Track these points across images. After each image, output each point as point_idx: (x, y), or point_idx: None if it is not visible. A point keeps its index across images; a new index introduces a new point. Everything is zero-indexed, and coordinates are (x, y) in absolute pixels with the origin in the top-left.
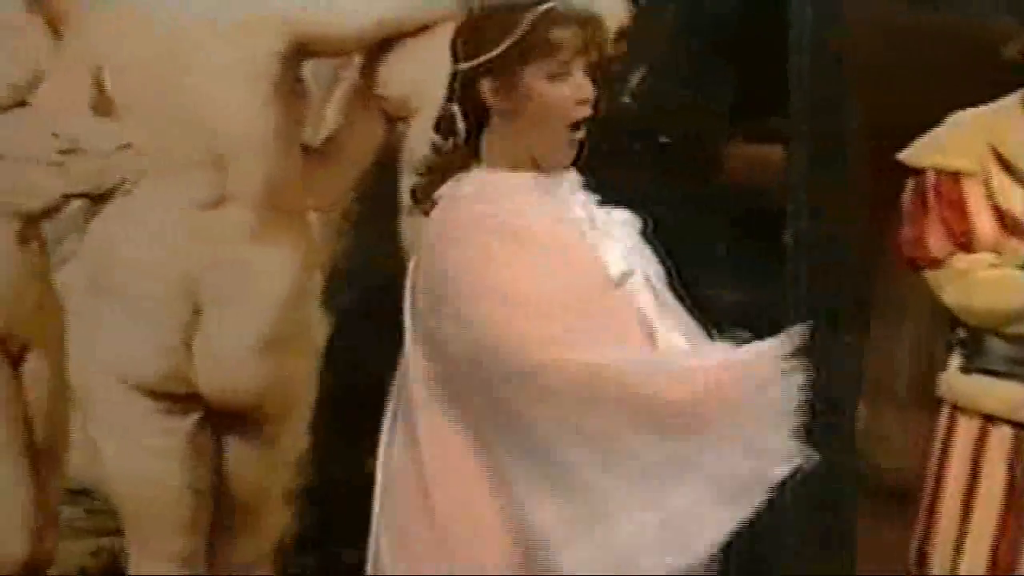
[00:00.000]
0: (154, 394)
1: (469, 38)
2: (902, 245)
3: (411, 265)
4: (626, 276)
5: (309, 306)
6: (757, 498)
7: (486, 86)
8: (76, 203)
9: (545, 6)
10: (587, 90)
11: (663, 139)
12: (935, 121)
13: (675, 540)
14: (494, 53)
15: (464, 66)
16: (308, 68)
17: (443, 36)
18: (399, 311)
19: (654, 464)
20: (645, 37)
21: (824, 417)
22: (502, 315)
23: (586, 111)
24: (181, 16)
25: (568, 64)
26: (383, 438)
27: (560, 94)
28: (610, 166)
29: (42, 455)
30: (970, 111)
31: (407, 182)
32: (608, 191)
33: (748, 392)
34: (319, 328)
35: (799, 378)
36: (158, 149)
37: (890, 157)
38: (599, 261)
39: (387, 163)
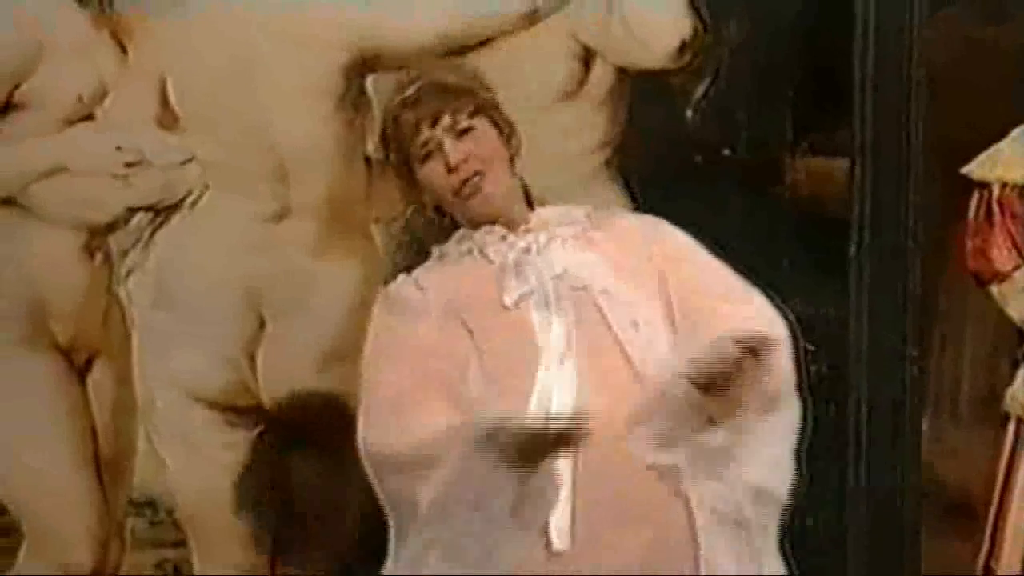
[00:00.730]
0: (218, 406)
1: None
2: (967, 258)
3: None
4: (522, 298)
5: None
6: None
7: (416, 193)
8: (141, 216)
9: (389, 107)
10: (453, 155)
11: (726, 152)
12: (1000, 135)
13: None
14: (394, 164)
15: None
16: (371, 81)
17: (505, 50)
18: None
19: None
20: (708, 51)
21: (889, 432)
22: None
23: (458, 176)
24: (245, 30)
25: (427, 142)
26: None
27: (434, 171)
28: (673, 180)
29: (107, 466)
30: None
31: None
32: (672, 205)
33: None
34: None
35: None
36: (222, 162)
37: (955, 170)
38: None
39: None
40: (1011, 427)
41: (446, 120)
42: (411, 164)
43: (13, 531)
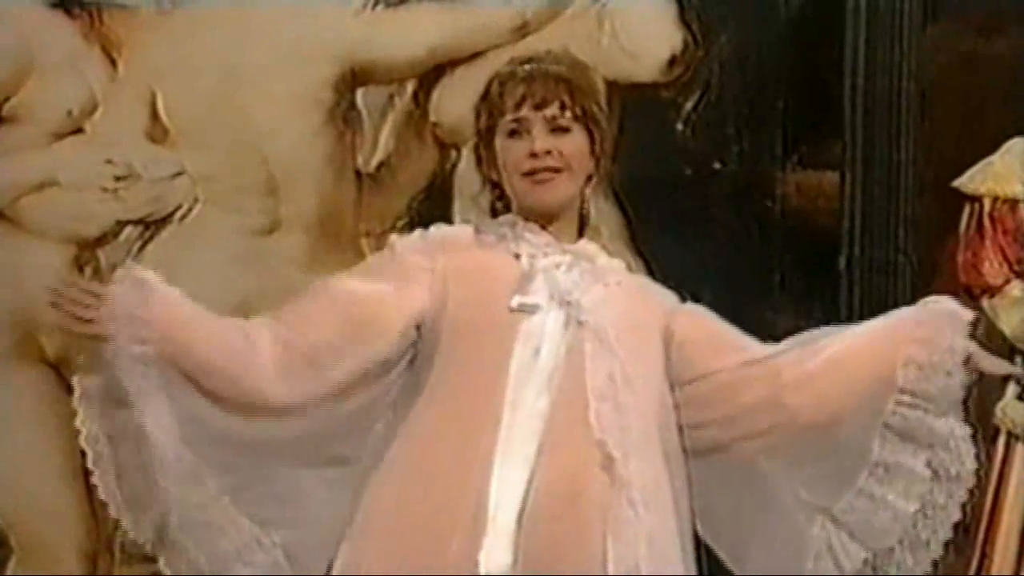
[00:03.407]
0: None
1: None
2: (958, 272)
3: None
4: (524, 308)
5: None
6: None
7: (483, 163)
8: (131, 229)
9: (506, 69)
10: (540, 143)
11: (717, 165)
12: (992, 148)
13: None
14: (480, 125)
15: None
16: (361, 95)
17: (495, 63)
18: None
19: None
20: (699, 64)
21: None
22: None
23: (536, 163)
24: (234, 45)
25: (523, 121)
26: None
27: (516, 150)
28: (664, 193)
29: None
30: None
31: (459, 207)
32: (662, 218)
33: None
34: None
35: None
36: (212, 176)
37: (946, 184)
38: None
39: (439, 189)
40: (1001, 441)
41: (550, 111)
42: (495, 132)
43: (2, 544)
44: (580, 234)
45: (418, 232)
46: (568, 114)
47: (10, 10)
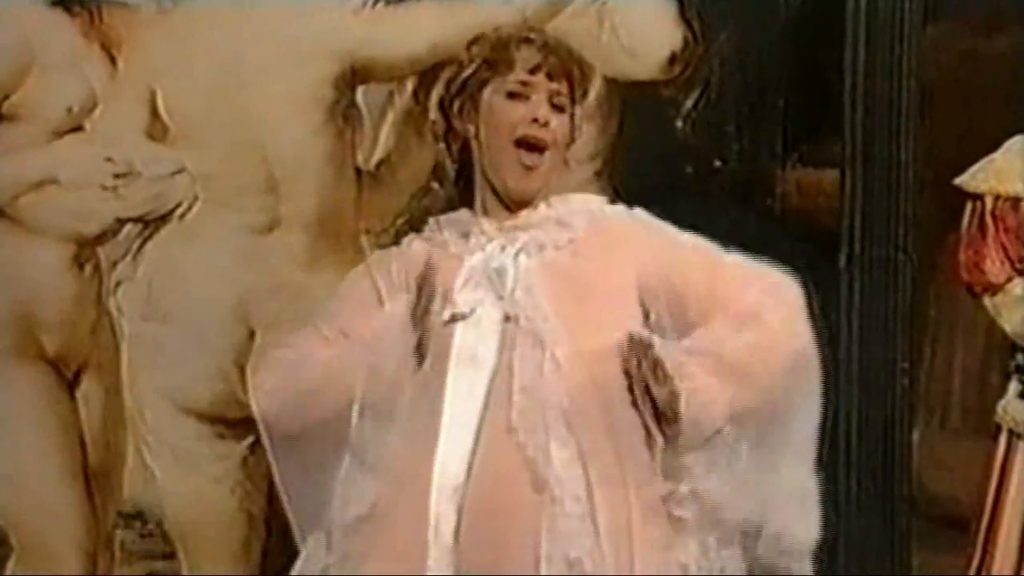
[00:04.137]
0: (208, 418)
1: (452, 65)
2: (960, 270)
3: None
4: (455, 317)
5: None
6: None
7: (455, 109)
8: (131, 227)
9: (518, 30)
10: (543, 111)
11: (717, 163)
12: (993, 146)
13: None
14: (464, 75)
15: (438, 90)
16: (361, 93)
17: None
18: None
19: None
20: (699, 62)
21: (879, 443)
22: None
23: (537, 131)
24: (234, 42)
25: (529, 86)
26: None
27: (515, 110)
28: (664, 191)
29: (96, 478)
30: None
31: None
32: (662, 216)
33: None
34: None
35: None
36: (212, 174)
37: (948, 182)
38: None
39: (439, 187)
40: (1002, 439)
41: (557, 85)
42: (486, 85)
43: (2, 543)
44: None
45: (383, 258)
46: (569, 93)
47: (10, 8)
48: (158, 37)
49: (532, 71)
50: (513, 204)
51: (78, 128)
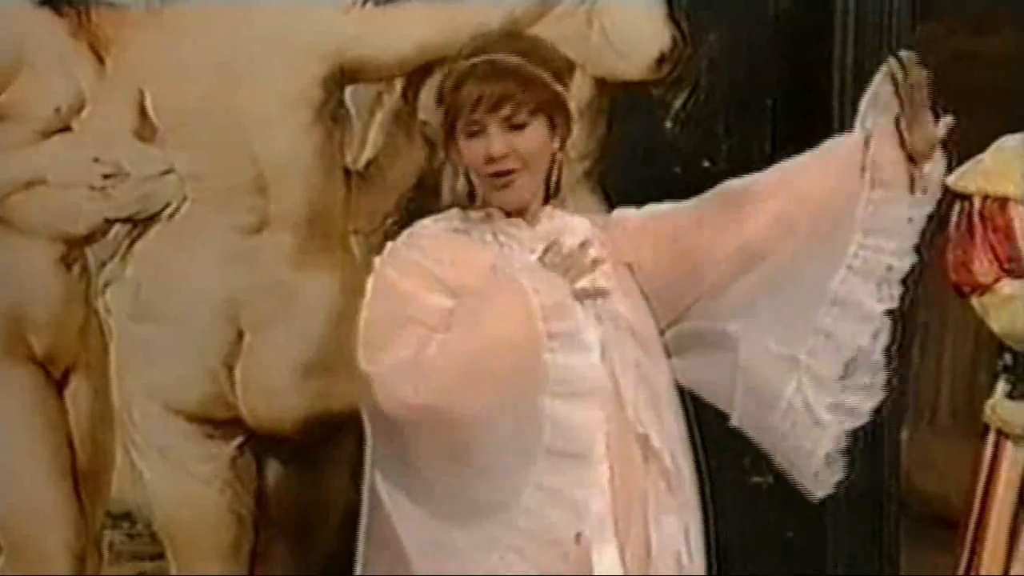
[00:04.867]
0: (196, 418)
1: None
2: (948, 270)
3: None
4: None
5: (351, 329)
6: None
7: (450, 154)
8: (119, 228)
9: (460, 65)
10: (496, 146)
11: (706, 163)
12: (982, 146)
13: None
14: (440, 123)
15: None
16: (350, 93)
17: None
18: None
19: None
20: (688, 62)
21: (868, 442)
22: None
23: (496, 167)
24: (223, 42)
25: (478, 122)
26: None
27: (474, 151)
28: (653, 191)
29: (85, 479)
30: (1017, 136)
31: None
32: None
33: None
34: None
35: None
36: (200, 174)
37: None
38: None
39: (428, 187)
40: (990, 438)
41: (505, 111)
42: (456, 131)
43: None
44: (547, 198)
45: (407, 252)
46: (522, 112)
47: None
48: (146, 37)
49: (474, 108)
50: (514, 212)
51: (66, 128)
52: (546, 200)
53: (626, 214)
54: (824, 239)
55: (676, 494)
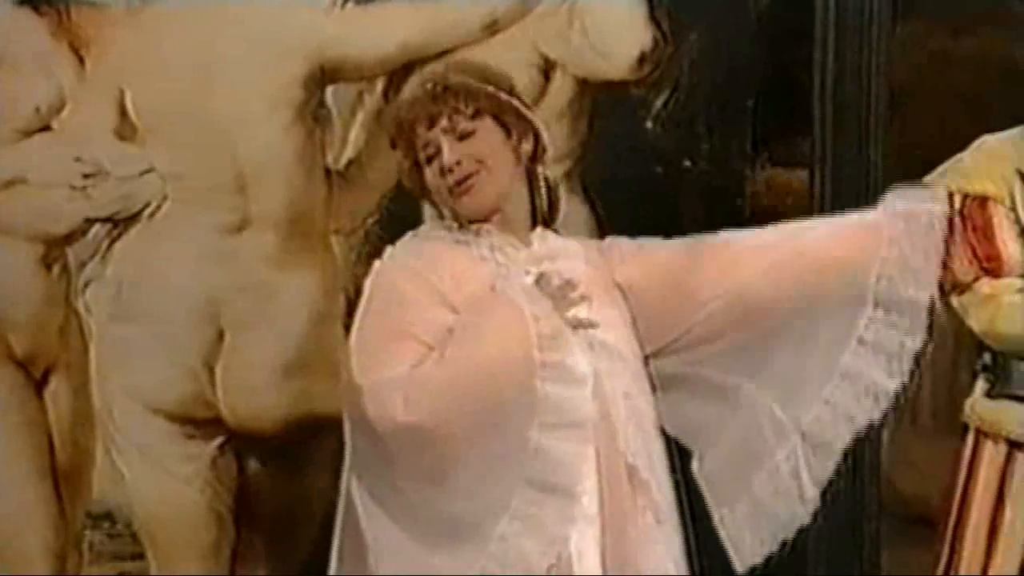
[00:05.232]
0: (177, 418)
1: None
2: None
3: None
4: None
5: (332, 329)
6: None
7: (424, 193)
8: (99, 227)
9: (394, 109)
10: (448, 157)
11: (687, 163)
12: (961, 146)
13: None
14: (406, 167)
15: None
16: (331, 93)
17: None
18: None
19: None
20: (669, 62)
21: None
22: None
23: (454, 177)
24: (203, 42)
25: (431, 143)
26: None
27: (433, 171)
28: (633, 191)
29: (65, 478)
30: (996, 135)
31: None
32: (632, 216)
33: None
34: (342, 351)
35: None
36: (181, 173)
37: (916, 181)
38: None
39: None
40: (970, 438)
41: (443, 122)
42: (420, 165)
43: None
44: (535, 219)
45: (409, 258)
46: (462, 118)
47: None
48: (127, 36)
49: (414, 133)
50: (484, 220)
51: (46, 128)
52: (535, 224)
53: (620, 240)
54: (833, 306)
55: (663, 526)
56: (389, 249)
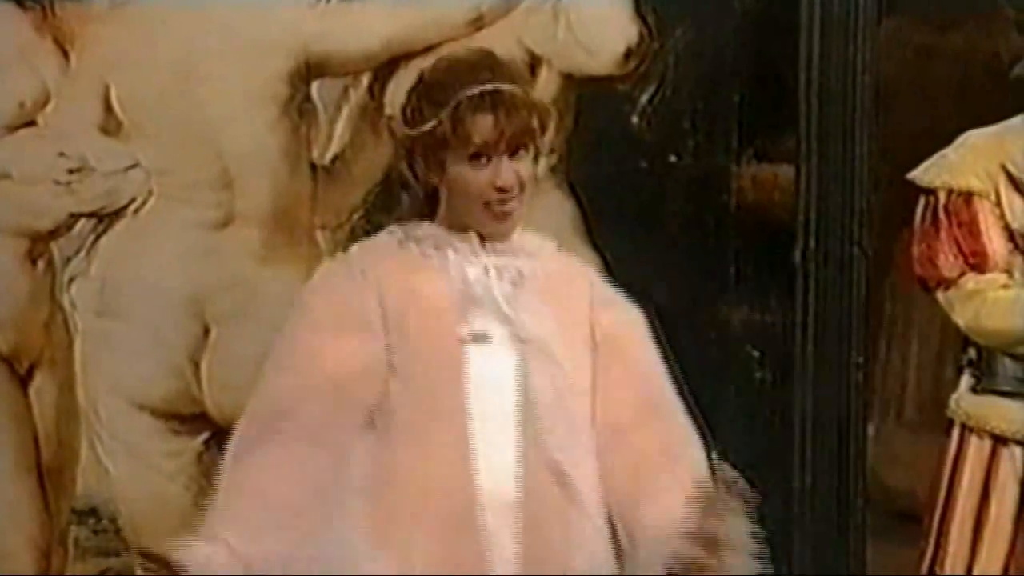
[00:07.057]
0: (162, 414)
1: (409, 106)
2: (913, 265)
3: None
4: (475, 338)
5: None
6: None
7: (418, 160)
8: (84, 223)
9: (470, 91)
10: (506, 178)
11: (672, 158)
12: (947, 141)
13: None
14: (422, 130)
15: (400, 135)
16: (316, 88)
17: None
18: None
19: None
20: (654, 57)
21: (834, 438)
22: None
23: (504, 196)
24: (188, 37)
25: (488, 148)
26: None
27: (478, 179)
28: (619, 186)
29: (50, 475)
30: (981, 130)
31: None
32: (617, 211)
33: None
34: None
35: None
36: (166, 169)
37: (901, 177)
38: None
39: (395, 182)
40: (955, 433)
41: (509, 135)
42: (447, 147)
43: None
44: None
45: (345, 264)
46: (527, 138)
47: None
48: (111, 31)
49: (488, 142)
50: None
51: (31, 123)
52: None
53: (605, 298)
54: None
55: (590, 523)
56: (323, 265)
